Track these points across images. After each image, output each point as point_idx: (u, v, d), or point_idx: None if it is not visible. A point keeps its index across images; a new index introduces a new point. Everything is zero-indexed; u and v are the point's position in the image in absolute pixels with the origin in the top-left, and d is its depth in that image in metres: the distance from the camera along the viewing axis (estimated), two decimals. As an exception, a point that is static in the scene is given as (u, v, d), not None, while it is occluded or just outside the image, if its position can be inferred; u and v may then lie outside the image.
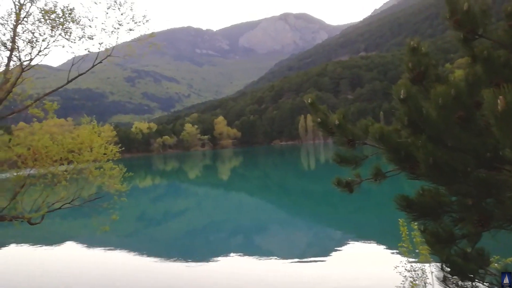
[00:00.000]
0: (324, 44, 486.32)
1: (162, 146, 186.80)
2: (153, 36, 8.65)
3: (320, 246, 17.31)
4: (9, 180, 8.82)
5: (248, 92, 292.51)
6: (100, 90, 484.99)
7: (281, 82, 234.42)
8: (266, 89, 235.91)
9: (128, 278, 13.81)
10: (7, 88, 7.51)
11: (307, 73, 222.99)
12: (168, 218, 28.88)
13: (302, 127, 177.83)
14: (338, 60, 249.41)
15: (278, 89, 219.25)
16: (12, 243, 20.84)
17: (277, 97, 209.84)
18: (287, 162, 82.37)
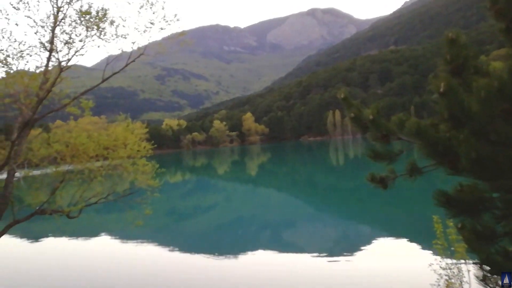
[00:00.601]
0: (352, 39, 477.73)
1: (191, 143, 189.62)
2: (183, 34, 8.78)
3: (349, 242, 17.12)
4: (49, 176, 9.21)
5: (276, 88, 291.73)
6: (132, 88, 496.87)
7: (309, 77, 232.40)
8: (294, 85, 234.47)
9: (159, 271, 14.14)
10: (47, 87, 7.83)
11: (335, 68, 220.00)
12: (198, 213, 29.32)
13: (330, 122, 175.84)
14: (367, 55, 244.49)
15: (306, 84, 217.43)
16: (51, 236, 21.76)
17: (305, 93, 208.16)
18: (316, 157, 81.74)
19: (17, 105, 7.97)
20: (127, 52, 8.91)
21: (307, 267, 13.24)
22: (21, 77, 7.83)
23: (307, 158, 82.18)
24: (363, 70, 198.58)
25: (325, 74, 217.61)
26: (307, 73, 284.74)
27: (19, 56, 8.10)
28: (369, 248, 15.16)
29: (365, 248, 15.15)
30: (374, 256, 13.97)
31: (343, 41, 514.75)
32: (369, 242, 15.95)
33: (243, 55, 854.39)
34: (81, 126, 10.54)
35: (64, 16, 8.00)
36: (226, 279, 12.52)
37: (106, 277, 13.73)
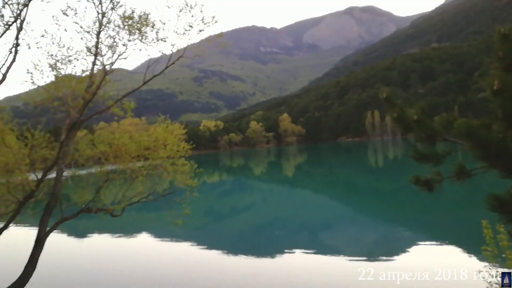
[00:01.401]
0: (392, 37, 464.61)
1: (228, 143, 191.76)
2: (221, 36, 8.88)
3: (388, 246, 16.61)
4: (94, 175, 9.59)
5: (312, 89, 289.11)
6: (170, 90, 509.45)
7: (346, 77, 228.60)
8: (331, 85, 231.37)
9: (196, 270, 14.38)
10: (92, 90, 8.18)
11: (374, 68, 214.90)
12: (235, 213, 29.56)
13: (369, 123, 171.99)
14: (408, 53, 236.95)
15: (344, 84, 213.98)
16: (95, 233, 22.70)
17: (342, 93, 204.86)
18: (354, 159, 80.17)
19: (65, 108, 8.37)
20: (166, 55, 9.13)
21: (344, 270, 13.01)
22: (69, 81, 8.22)
23: (345, 159, 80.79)
24: (403, 69, 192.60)
25: (363, 73, 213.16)
26: (344, 73, 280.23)
27: (67, 61, 8.51)
28: (410, 253, 14.66)
29: (405, 253, 14.67)
30: (415, 262, 13.48)
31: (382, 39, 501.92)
32: (409, 247, 15.42)
33: (280, 55, 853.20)
34: (122, 128, 10.88)
35: (108, 21, 8.33)
36: (261, 279, 12.52)
37: (145, 274, 14.13)
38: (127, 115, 9.17)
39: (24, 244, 10.88)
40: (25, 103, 9.92)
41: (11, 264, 11.86)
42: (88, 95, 8.21)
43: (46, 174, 8.28)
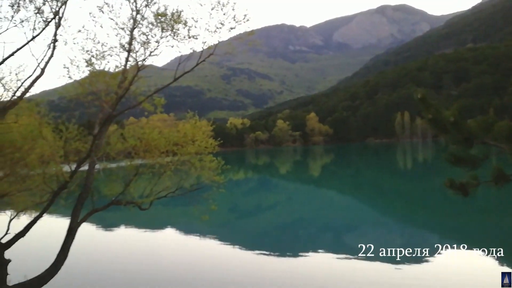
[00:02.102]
0: (425, 36, 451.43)
1: (254, 141, 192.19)
2: (252, 34, 8.89)
3: (414, 250, 16.16)
4: (124, 169, 9.84)
5: (341, 88, 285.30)
6: (199, 87, 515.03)
7: (376, 77, 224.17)
8: (361, 85, 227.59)
9: (218, 266, 14.51)
10: (125, 86, 8.38)
11: (405, 68, 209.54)
12: (259, 212, 29.62)
13: (398, 124, 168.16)
14: (441, 53, 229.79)
15: (373, 84, 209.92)
16: (122, 225, 23.29)
17: (372, 93, 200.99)
18: (382, 160, 78.67)
19: (98, 102, 8.61)
20: (196, 52, 9.22)
21: (368, 272, 12.79)
22: (103, 76, 8.45)
23: (373, 161, 79.39)
24: (436, 69, 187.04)
25: (394, 73, 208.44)
26: (374, 73, 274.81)
27: (101, 57, 8.74)
28: (438, 259, 14.24)
29: (433, 259, 14.26)
30: (444, 268, 13.12)
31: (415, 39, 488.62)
32: (438, 253, 14.98)
33: (309, 54, 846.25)
34: (151, 123, 11.11)
35: (142, 18, 8.50)
36: (284, 278, 12.47)
37: (168, 267, 14.39)
38: (157, 111, 9.32)
39: (57, 233, 11.30)
40: (60, 97, 10.28)
41: (44, 251, 12.33)
42: (120, 90, 8.41)
43: (79, 166, 8.55)
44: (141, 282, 12.73)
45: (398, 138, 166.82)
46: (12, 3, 8.32)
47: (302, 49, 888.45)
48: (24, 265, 10.44)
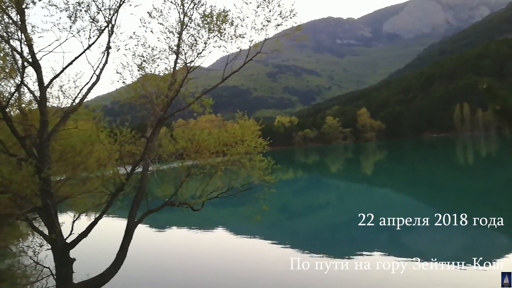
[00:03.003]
0: (484, 22, 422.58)
1: (303, 139, 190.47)
2: (299, 29, 8.66)
3: (480, 251, 15.09)
4: (176, 170, 10.02)
5: (393, 81, 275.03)
6: (245, 86, 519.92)
7: (431, 68, 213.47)
8: (414, 77, 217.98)
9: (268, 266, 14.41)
10: (175, 88, 8.51)
11: (463, 56, 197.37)
12: (310, 211, 29.20)
13: (457, 117, 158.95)
14: (504, 39, 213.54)
15: (428, 76, 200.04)
16: (174, 226, 23.93)
17: (426, 85, 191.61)
18: (439, 155, 74.74)
19: (150, 105, 8.81)
20: (243, 51, 9.15)
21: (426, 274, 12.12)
22: (154, 79, 8.64)
23: (429, 156, 75.67)
24: (498, 56, 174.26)
25: (450, 63, 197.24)
26: (429, 63, 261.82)
27: (151, 60, 8.94)
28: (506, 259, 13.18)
29: (502, 259, 13.19)
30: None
31: (473, 25, 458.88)
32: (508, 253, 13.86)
33: (357, 47, 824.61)
34: (199, 124, 11.18)
35: (189, 20, 8.58)
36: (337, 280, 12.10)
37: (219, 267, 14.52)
38: (206, 112, 9.37)
39: (115, 233, 11.77)
40: (113, 102, 10.65)
41: (104, 251, 12.93)
42: (171, 92, 8.55)
43: (134, 168, 8.80)
44: (193, 281, 12.94)
45: (457, 132, 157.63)
46: (70, 14, 8.73)
47: (350, 42, 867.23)
48: (86, 264, 10.96)
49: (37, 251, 11.40)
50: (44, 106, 8.68)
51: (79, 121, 10.01)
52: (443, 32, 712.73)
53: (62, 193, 10.30)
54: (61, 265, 8.79)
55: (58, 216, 8.98)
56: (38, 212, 9.19)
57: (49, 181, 8.74)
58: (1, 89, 9.51)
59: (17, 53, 8.48)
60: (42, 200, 8.61)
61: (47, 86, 8.90)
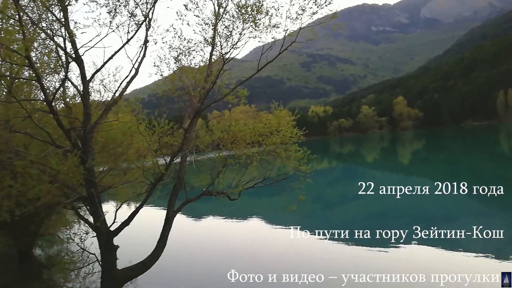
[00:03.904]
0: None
1: (338, 129, 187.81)
2: (335, 17, 8.50)
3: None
4: (213, 160, 10.19)
5: (431, 68, 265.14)
6: (278, 77, 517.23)
7: (472, 53, 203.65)
8: (454, 63, 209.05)
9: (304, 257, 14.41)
10: (211, 80, 8.63)
11: (508, 40, 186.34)
12: (345, 201, 28.85)
13: (501, 103, 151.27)
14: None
15: (469, 61, 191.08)
16: (210, 215, 24.35)
17: (467, 71, 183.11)
18: (481, 144, 71.51)
19: (187, 97, 8.99)
20: (277, 41, 9.10)
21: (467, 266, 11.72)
22: (191, 71, 8.80)
23: (470, 145, 72.58)
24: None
25: (493, 47, 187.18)
26: (470, 49, 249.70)
27: (187, 53, 9.09)
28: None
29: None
30: None
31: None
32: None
33: (393, 34, 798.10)
34: (234, 115, 11.32)
35: (224, 11, 8.63)
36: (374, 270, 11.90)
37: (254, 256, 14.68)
38: (241, 103, 9.43)
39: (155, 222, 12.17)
40: (150, 94, 10.95)
41: (144, 239, 13.39)
42: (207, 84, 8.67)
43: (173, 158, 9.04)
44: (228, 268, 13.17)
45: (501, 119, 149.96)
46: (110, 9, 9.01)
47: (386, 29, 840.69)
48: (129, 251, 11.40)
49: (83, 238, 12.00)
50: (87, 100, 9.04)
51: (119, 113, 10.37)
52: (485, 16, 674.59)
53: (104, 183, 10.76)
54: (106, 252, 9.21)
55: (102, 205, 9.38)
56: (83, 201, 9.64)
57: (93, 172, 9.13)
58: (47, 84, 10.01)
59: (61, 49, 8.85)
60: (86, 190, 9.01)
61: (89, 80, 9.26)
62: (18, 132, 8.99)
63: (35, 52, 9.29)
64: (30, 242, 14.59)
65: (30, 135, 9.02)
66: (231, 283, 11.25)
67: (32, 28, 8.41)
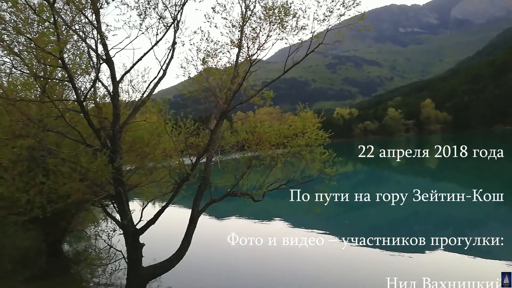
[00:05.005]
0: None
1: (363, 132, 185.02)
2: (364, 18, 8.40)
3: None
4: (238, 161, 10.24)
5: (461, 70, 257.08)
6: (303, 78, 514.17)
7: (505, 55, 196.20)
8: (485, 65, 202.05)
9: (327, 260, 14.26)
10: (237, 81, 8.69)
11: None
12: (369, 205, 28.32)
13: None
14: None
15: (501, 63, 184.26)
16: (233, 216, 24.44)
17: (499, 73, 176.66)
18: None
19: (213, 99, 9.08)
20: (303, 43, 9.07)
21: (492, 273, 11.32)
22: (218, 73, 8.89)
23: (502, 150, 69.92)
24: None
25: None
26: (502, 50, 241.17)
27: (214, 55, 9.18)
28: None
29: None
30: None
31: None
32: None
33: (422, 35, 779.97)
34: (258, 117, 11.33)
35: (252, 13, 8.68)
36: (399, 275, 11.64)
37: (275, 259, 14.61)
38: (266, 104, 9.45)
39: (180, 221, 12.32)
40: (176, 95, 11.09)
41: (169, 237, 13.58)
42: (234, 86, 8.73)
43: (199, 159, 9.15)
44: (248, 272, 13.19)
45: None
46: (140, 12, 9.22)
47: (414, 31, 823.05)
48: (154, 249, 11.59)
49: (110, 236, 12.30)
50: (116, 100, 9.27)
51: (147, 113, 10.58)
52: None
53: (131, 182, 10.99)
54: (132, 249, 9.41)
55: (128, 204, 9.59)
56: (111, 199, 9.88)
57: (121, 170, 9.35)
58: (79, 85, 10.32)
59: (93, 51, 9.12)
60: (114, 188, 9.23)
61: (119, 81, 9.50)
62: (50, 130, 9.30)
63: (68, 54, 9.61)
64: (59, 237, 15.04)
65: (62, 134, 9.31)
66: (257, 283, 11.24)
67: (66, 30, 8.69)
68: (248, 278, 12.34)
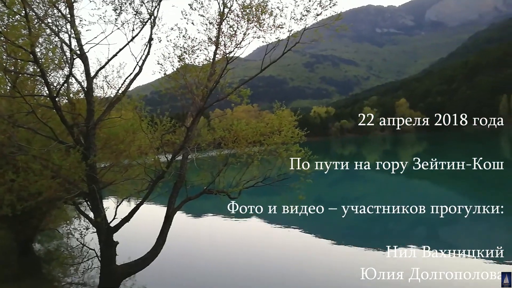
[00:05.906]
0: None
1: (339, 130, 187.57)
2: (340, 18, 8.51)
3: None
4: (214, 159, 10.23)
5: (435, 71, 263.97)
6: (281, 76, 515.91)
7: (477, 56, 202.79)
8: (458, 66, 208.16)
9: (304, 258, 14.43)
10: (214, 78, 8.67)
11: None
12: (345, 203, 28.71)
13: (504, 108, 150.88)
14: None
15: (473, 65, 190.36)
16: (210, 214, 24.40)
17: (471, 75, 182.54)
18: (483, 148, 71.27)
19: (189, 95, 9.03)
20: (281, 41, 9.12)
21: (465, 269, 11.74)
22: (194, 70, 8.83)
23: (471, 148, 72.37)
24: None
25: (498, 51, 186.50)
26: (474, 52, 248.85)
27: (191, 52, 9.12)
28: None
29: None
30: None
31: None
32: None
33: (398, 36, 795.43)
34: (236, 114, 11.36)
35: (229, 11, 8.66)
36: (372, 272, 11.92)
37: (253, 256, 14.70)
38: (244, 102, 9.47)
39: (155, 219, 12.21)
40: (152, 92, 10.97)
41: (144, 235, 13.45)
42: (210, 83, 8.71)
43: (175, 156, 9.09)
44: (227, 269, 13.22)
45: (503, 123, 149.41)
46: (115, 7, 9.05)
47: (391, 31, 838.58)
48: (128, 248, 11.45)
49: (83, 234, 12.06)
50: (90, 96, 9.10)
51: (122, 110, 10.42)
52: (491, 20, 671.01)
53: (106, 179, 10.81)
54: (106, 248, 9.27)
55: (102, 201, 9.43)
56: (84, 196, 9.69)
57: (94, 168, 9.19)
58: (51, 80, 10.06)
59: (66, 46, 8.91)
60: (88, 186, 9.07)
61: (93, 77, 9.32)
62: (21, 126, 9.04)
63: (40, 48, 9.34)
64: (30, 236, 14.65)
65: (33, 130, 9.07)
66: (233, 280, 11.25)
67: (38, 24, 8.45)
68: (223, 276, 12.35)
